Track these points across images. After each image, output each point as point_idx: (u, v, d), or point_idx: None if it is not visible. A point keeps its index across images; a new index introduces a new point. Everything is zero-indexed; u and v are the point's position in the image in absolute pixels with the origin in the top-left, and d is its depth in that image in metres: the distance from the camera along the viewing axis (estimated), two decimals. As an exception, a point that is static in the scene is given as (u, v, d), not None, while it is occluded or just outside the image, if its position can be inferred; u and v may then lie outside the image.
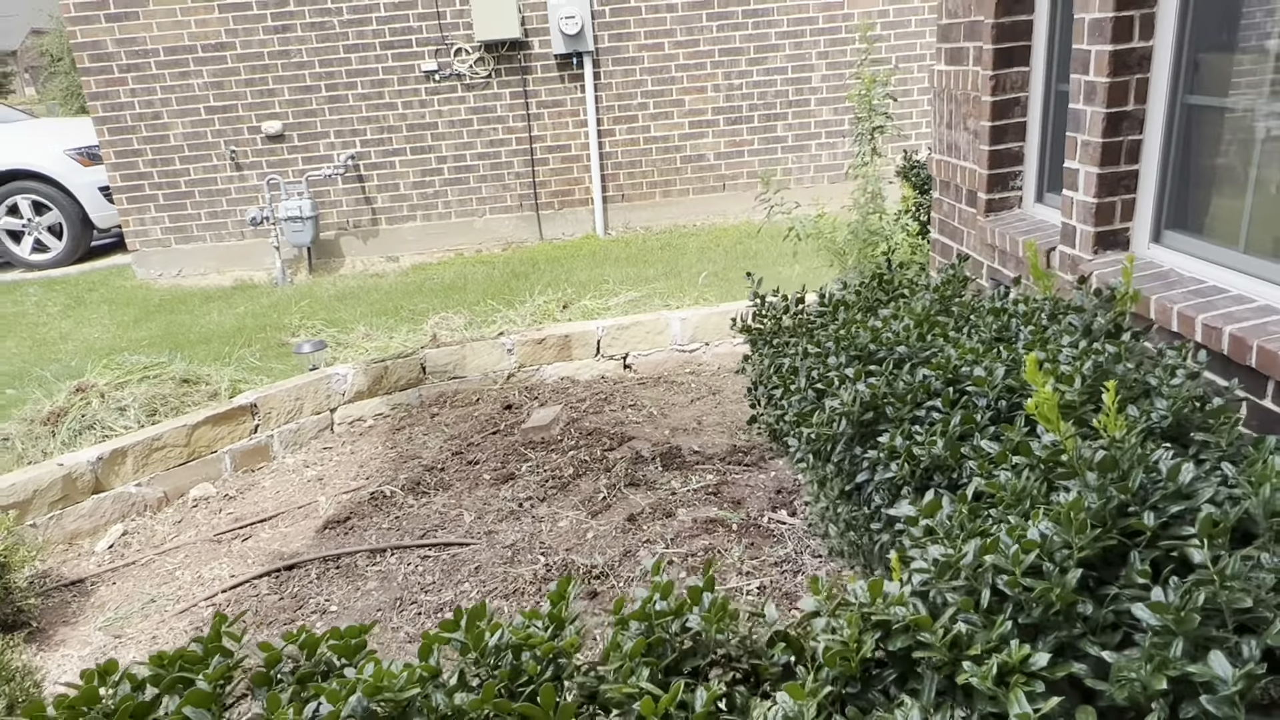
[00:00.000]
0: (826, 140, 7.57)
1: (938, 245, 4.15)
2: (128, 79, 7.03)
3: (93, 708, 1.33)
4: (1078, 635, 1.28)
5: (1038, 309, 2.35)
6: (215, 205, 7.41)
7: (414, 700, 1.29)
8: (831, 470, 2.19)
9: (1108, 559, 1.45)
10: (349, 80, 7.15)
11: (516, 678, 1.34)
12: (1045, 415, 1.52)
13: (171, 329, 6.02)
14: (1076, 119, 2.93)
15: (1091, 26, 2.81)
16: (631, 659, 1.32)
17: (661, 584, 1.45)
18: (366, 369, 4.75)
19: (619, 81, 7.31)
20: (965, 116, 3.71)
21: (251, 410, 4.36)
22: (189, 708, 1.28)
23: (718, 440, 4.07)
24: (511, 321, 5.33)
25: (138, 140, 7.19)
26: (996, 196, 3.61)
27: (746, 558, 3.09)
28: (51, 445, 4.10)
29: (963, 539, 1.45)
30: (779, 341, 2.76)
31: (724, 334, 5.02)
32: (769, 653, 1.40)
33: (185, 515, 3.97)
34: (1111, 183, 2.87)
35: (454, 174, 7.46)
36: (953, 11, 3.73)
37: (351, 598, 3.17)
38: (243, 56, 7.04)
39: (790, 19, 7.23)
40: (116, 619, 3.23)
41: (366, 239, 7.57)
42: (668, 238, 7.28)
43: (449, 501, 3.75)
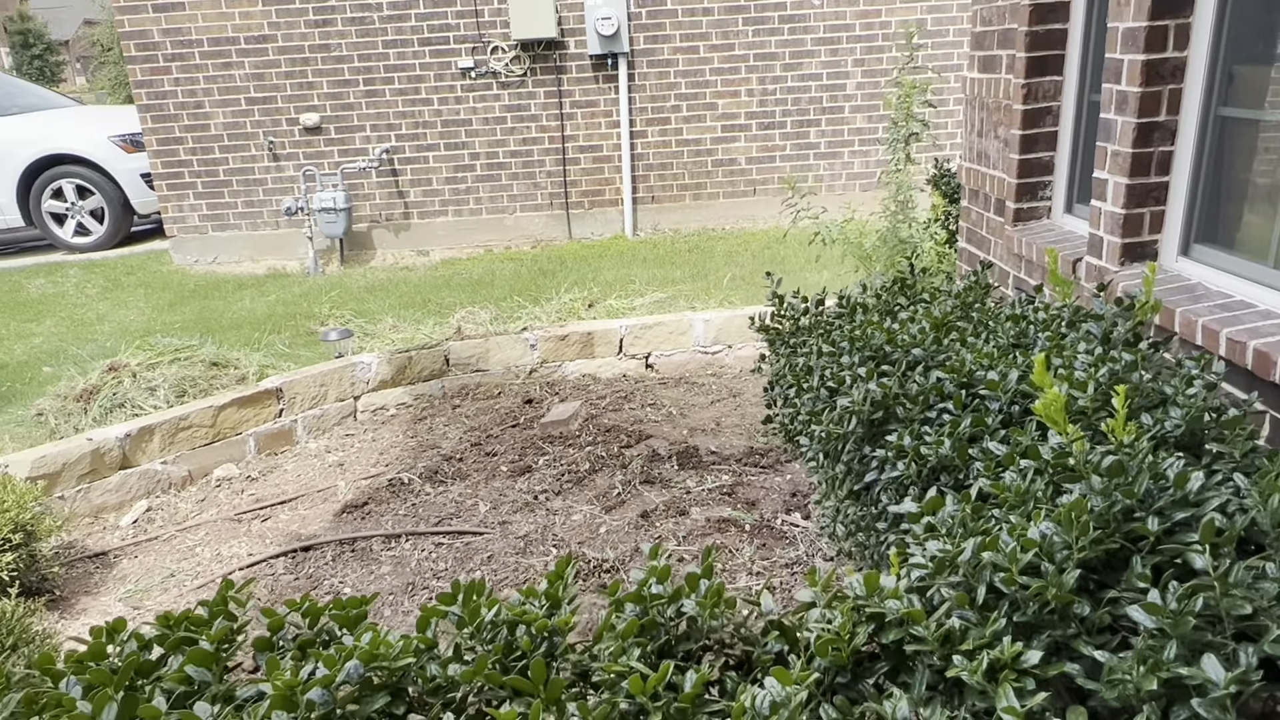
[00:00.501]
0: (859, 148, 7.54)
1: (964, 254, 4.12)
2: (172, 68, 7.18)
3: (100, 663, 1.36)
4: (1072, 635, 1.28)
5: (1056, 316, 2.33)
6: (252, 194, 7.54)
7: (409, 669, 1.31)
8: (841, 470, 2.18)
9: (1110, 563, 1.44)
10: (386, 75, 7.25)
11: (510, 652, 1.36)
12: (1052, 416, 1.51)
13: (204, 314, 6.14)
14: (1107, 129, 2.90)
15: (1125, 36, 2.78)
16: (624, 639, 1.33)
17: (658, 568, 1.46)
18: (391, 359, 4.81)
19: (653, 84, 7.33)
20: (996, 124, 3.69)
21: (277, 395, 4.43)
22: (191, 666, 1.31)
23: (735, 442, 4.06)
24: (537, 318, 5.37)
25: (179, 129, 7.35)
26: (1025, 206, 3.58)
27: (757, 558, 3.09)
28: (83, 421, 4.20)
29: (963, 537, 1.44)
30: (796, 341, 2.76)
31: (747, 337, 5.02)
32: (762, 641, 1.40)
33: (208, 494, 4.05)
34: (1141, 194, 2.84)
35: (486, 171, 7.53)
36: (986, 19, 3.71)
37: (365, 580, 3.21)
38: (284, 49, 7.17)
39: (826, 25, 7.21)
40: (136, 591, 3.30)
41: (398, 232, 7.66)
42: (696, 240, 7.29)
43: (465, 491, 3.78)
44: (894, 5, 7.17)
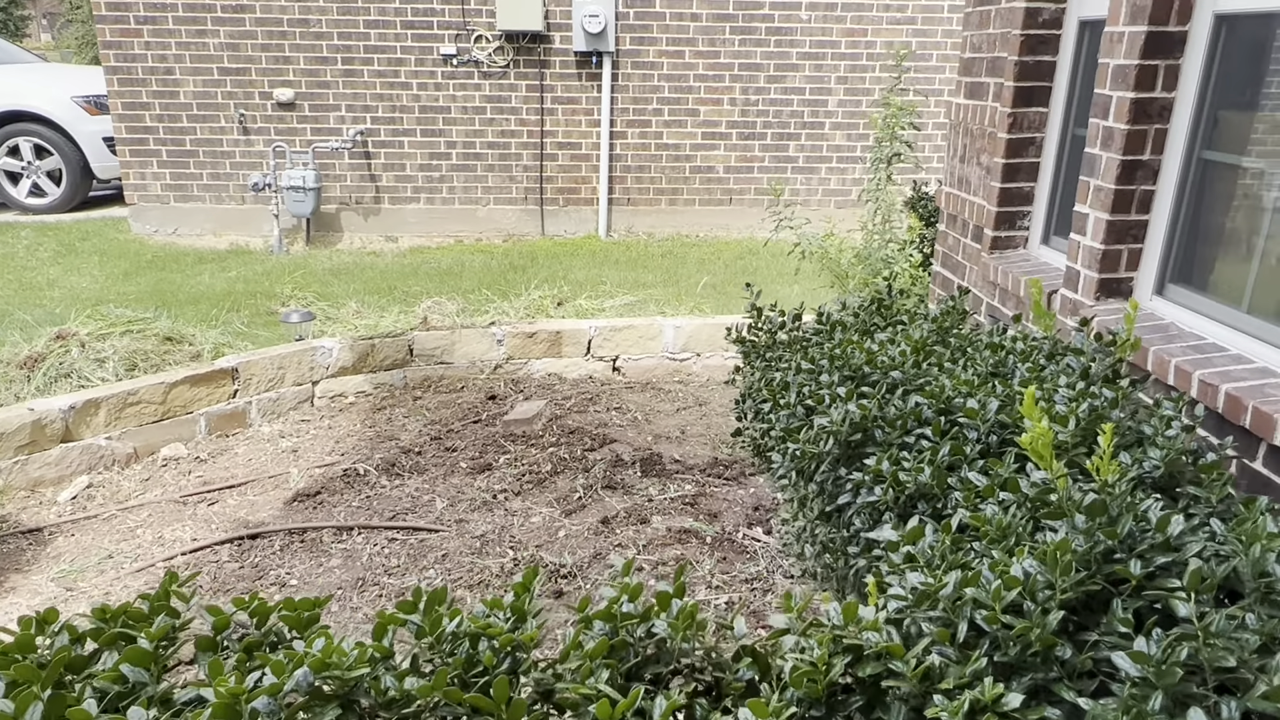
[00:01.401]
0: (837, 165, 7.57)
1: (938, 278, 4.13)
2: (143, 31, 6.96)
3: (27, 656, 1.27)
4: (1054, 679, 1.25)
5: (1036, 348, 2.33)
6: (219, 167, 7.34)
7: (362, 680, 1.24)
8: (813, 490, 2.15)
9: (1089, 604, 1.41)
10: (366, 56, 7.11)
11: (471, 667, 1.29)
12: (1039, 452, 1.48)
13: (161, 286, 5.95)
14: (1091, 164, 2.92)
15: (1115, 72, 2.79)
16: (592, 659, 1.27)
17: (630, 585, 1.41)
18: (353, 345, 4.69)
19: (636, 85, 7.29)
20: (979, 152, 3.70)
21: (232, 375, 4.29)
22: (126, 665, 1.22)
23: (700, 451, 4.02)
24: (505, 313, 5.28)
25: (147, 94, 7.12)
26: (1003, 234, 3.59)
27: (717, 571, 3.05)
28: (25, 390, 4.02)
29: (943, 569, 1.41)
30: (772, 356, 2.73)
31: (716, 346, 4.99)
32: (734, 667, 1.35)
33: (153, 474, 3.90)
34: (1120, 230, 2.86)
35: (462, 160, 7.41)
36: (976, 46, 3.72)
37: (313, 573, 3.10)
38: (262, 20, 6.99)
39: (813, 40, 7.23)
40: (71, 571, 3.16)
41: (367, 216, 7.52)
42: (669, 245, 7.25)
43: (423, 486, 3.69)
44: (880, 26, 7.21)
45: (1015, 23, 3.36)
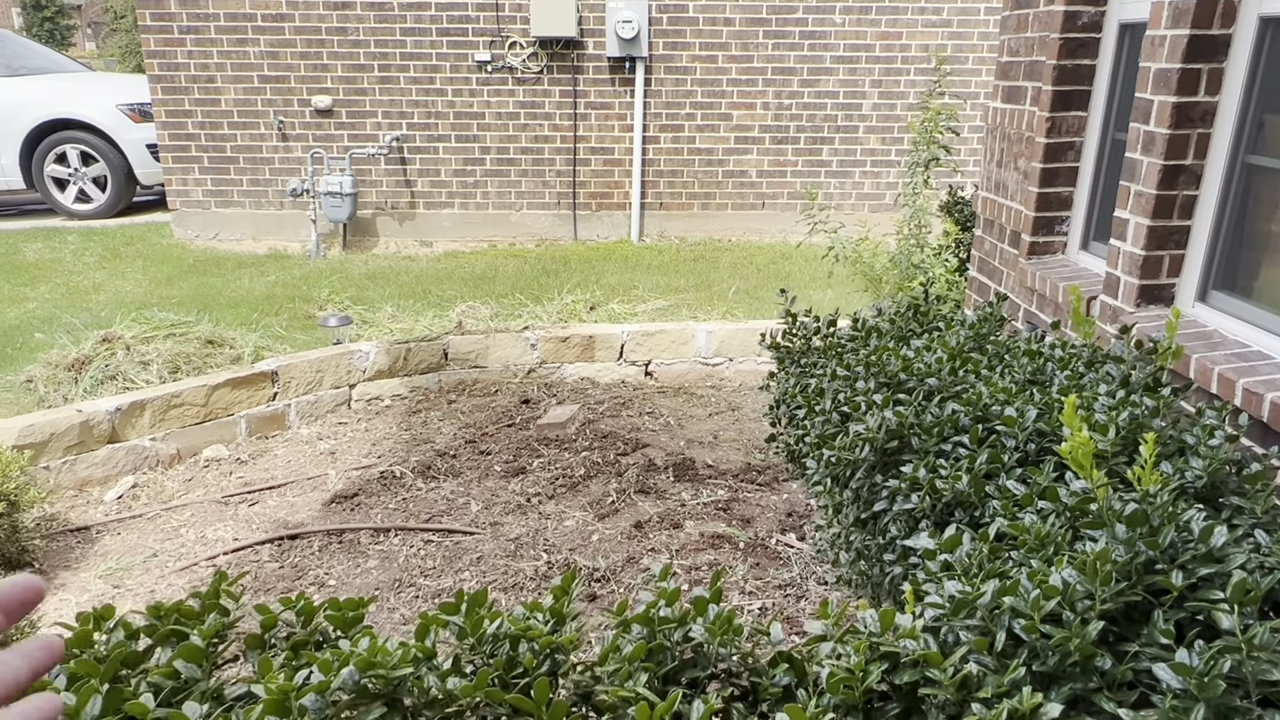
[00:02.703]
0: (871, 169, 7.53)
1: (975, 284, 4.10)
2: (186, 40, 7.12)
3: (85, 651, 1.31)
4: (1093, 689, 1.24)
5: (1075, 355, 2.30)
6: (258, 173, 7.48)
7: (406, 679, 1.27)
8: (849, 496, 2.15)
9: (1130, 615, 1.40)
10: (402, 63, 7.20)
11: (512, 669, 1.31)
12: (1079, 461, 1.48)
13: (202, 290, 6.07)
14: (1131, 169, 2.88)
15: (1157, 76, 2.76)
16: (630, 662, 1.29)
17: (667, 590, 1.42)
18: (389, 349, 4.75)
19: (669, 90, 7.31)
20: (1016, 156, 3.67)
21: (272, 377, 4.38)
22: (180, 661, 1.26)
23: (732, 457, 4.03)
24: (538, 317, 5.33)
25: (189, 102, 7.28)
26: (1040, 240, 3.56)
27: (751, 577, 3.05)
28: (73, 392, 4.13)
29: (981, 578, 1.41)
30: (807, 362, 2.73)
31: (749, 351, 4.99)
32: (771, 672, 1.36)
33: (196, 474, 3.99)
34: (1161, 236, 2.82)
35: (496, 165, 7.48)
36: (1014, 50, 3.69)
37: (351, 573, 3.16)
38: (300, 29, 7.11)
39: (847, 44, 7.20)
40: (117, 569, 3.24)
41: (402, 221, 7.61)
42: (701, 250, 7.26)
43: (458, 489, 3.73)
44: (915, 29, 7.17)
45: (1054, 26, 3.33)
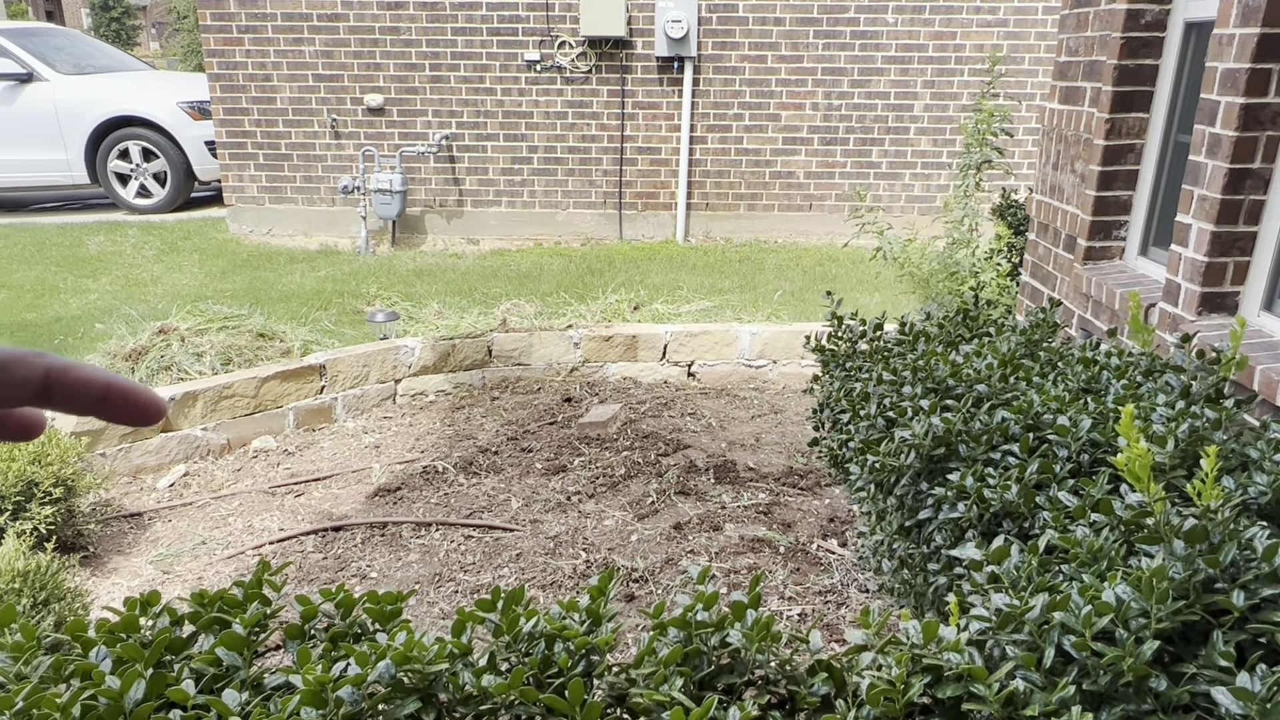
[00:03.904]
0: (922, 171, 7.41)
1: (1027, 289, 4.01)
2: (245, 40, 7.28)
3: (131, 635, 1.34)
4: (1147, 711, 1.19)
5: (1132, 364, 2.23)
6: (311, 170, 7.61)
7: (441, 675, 1.27)
8: (893, 503, 2.10)
9: (1186, 635, 1.35)
10: (453, 62, 7.28)
11: (547, 668, 1.31)
12: (1135, 473, 1.42)
13: (255, 284, 6.20)
14: (1195, 172, 2.79)
15: (1224, 77, 2.66)
16: (666, 666, 1.27)
17: (705, 594, 1.40)
18: (435, 345, 4.80)
19: (717, 90, 7.27)
20: (1074, 159, 3.57)
21: (320, 371, 4.45)
22: (222, 649, 1.28)
23: (774, 460, 3.99)
24: (581, 316, 5.34)
25: (246, 100, 7.44)
26: (1097, 245, 3.46)
27: (790, 582, 3.02)
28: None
29: (1030, 592, 1.37)
30: (852, 366, 2.69)
31: (793, 353, 4.94)
32: (809, 681, 1.34)
33: (244, 464, 4.06)
34: (1226, 242, 2.72)
35: (543, 164, 7.52)
36: (1073, 49, 3.59)
37: (392, 566, 3.19)
38: (354, 29, 7.23)
39: (899, 44, 7.10)
40: (168, 555, 3.31)
41: (450, 219, 7.69)
42: (747, 251, 7.21)
43: (498, 485, 3.75)
44: (970, 29, 7.04)
45: (1115, 25, 3.24)
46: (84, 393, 0.43)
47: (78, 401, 0.44)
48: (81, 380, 0.43)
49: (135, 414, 0.45)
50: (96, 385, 0.43)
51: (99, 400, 0.44)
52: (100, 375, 0.44)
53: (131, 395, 0.44)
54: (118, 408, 0.44)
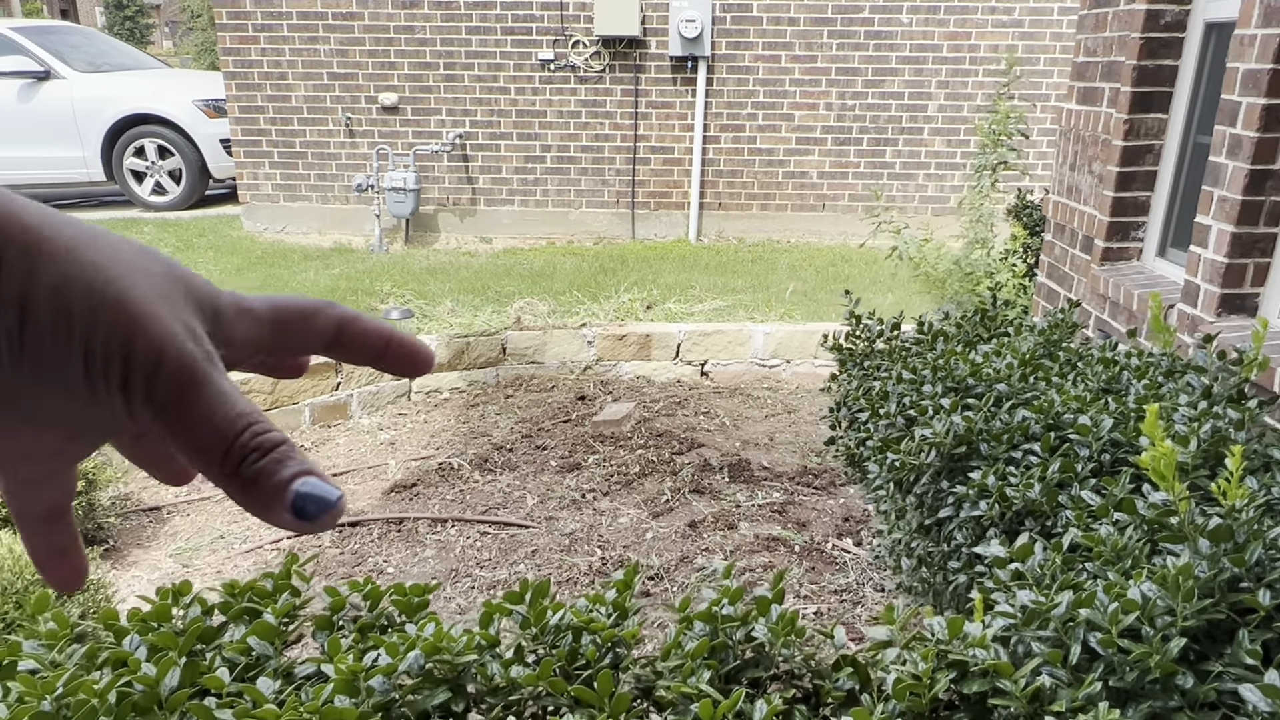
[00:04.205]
0: (935, 171, 7.40)
1: (1043, 290, 4.00)
2: (260, 38, 7.31)
3: (163, 624, 1.36)
4: (1174, 708, 1.20)
5: (1153, 364, 2.23)
6: (325, 168, 7.65)
7: (470, 666, 1.28)
8: (912, 502, 2.11)
9: (1211, 633, 1.35)
10: (467, 61, 7.30)
11: (574, 660, 1.32)
12: (1160, 472, 1.43)
13: (270, 281, 6.23)
14: (1215, 173, 2.78)
15: (1245, 77, 2.66)
16: (693, 659, 1.28)
17: (730, 589, 1.41)
18: (449, 343, 4.82)
19: (731, 90, 7.28)
20: (1091, 159, 3.57)
21: (336, 368, 4.47)
22: (254, 638, 1.29)
23: (788, 459, 3.99)
24: (594, 315, 5.35)
25: (261, 98, 7.48)
26: (1115, 245, 3.46)
27: (806, 581, 3.02)
28: (147, 376, 4.28)
29: (1055, 589, 1.37)
30: (870, 364, 2.69)
31: (807, 353, 4.94)
32: (834, 676, 1.34)
33: (261, 460, 4.09)
34: (1246, 243, 2.71)
35: (556, 164, 7.54)
36: (1091, 50, 3.59)
37: (409, 562, 3.21)
38: (369, 28, 7.26)
39: (913, 44, 7.09)
40: (186, 549, 3.34)
41: (463, 217, 7.71)
42: (760, 251, 7.22)
43: (513, 482, 3.77)
44: (985, 29, 7.02)
45: (1135, 25, 3.23)
46: (369, 343, 0.45)
47: (363, 352, 0.45)
48: (368, 331, 0.45)
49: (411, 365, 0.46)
50: (380, 337, 0.45)
51: (381, 352, 0.45)
52: (384, 328, 0.45)
53: (409, 346, 0.46)
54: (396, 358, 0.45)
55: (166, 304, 0.37)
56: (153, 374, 0.36)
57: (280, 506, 0.37)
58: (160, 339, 0.36)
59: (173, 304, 0.38)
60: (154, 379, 0.36)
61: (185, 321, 0.37)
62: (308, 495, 0.37)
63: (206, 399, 0.36)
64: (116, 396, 0.36)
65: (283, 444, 0.38)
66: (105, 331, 0.35)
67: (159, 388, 0.36)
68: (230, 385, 0.37)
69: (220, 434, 0.36)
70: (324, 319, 0.43)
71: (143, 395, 0.35)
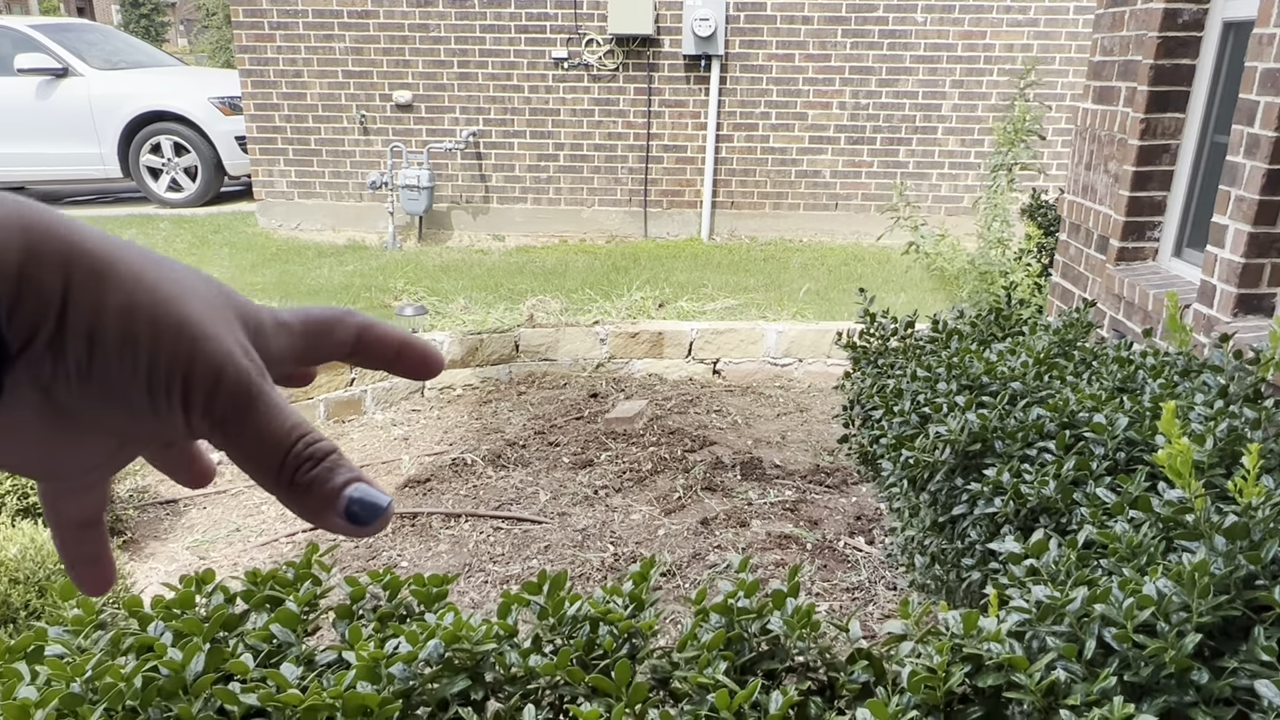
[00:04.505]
0: (949, 171, 7.38)
1: (1057, 289, 3.99)
2: (276, 36, 7.36)
3: (187, 611, 1.38)
4: (1189, 703, 1.20)
5: (1168, 363, 2.23)
6: (339, 166, 7.69)
7: (488, 655, 1.30)
8: (925, 499, 2.11)
9: (1226, 630, 1.35)
10: (481, 59, 7.33)
11: (591, 650, 1.33)
12: (1176, 469, 1.43)
13: (284, 278, 6.27)
14: (1232, 172, 2.77)
15: (1264, 77, 2.65)
16: (709, 650, 1.29)
17: (746, 582, 1.42)
18: (462, 339, 4.84)
19: (744, 89, 7.28)
20: (1107, 159, 3.56)
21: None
22: (276, 625, 1.31)
23: (800, 458, 4.00)
24: (607, 313, 5.36)
25: (277, 96, 7.52)
26: (1130, 245, 3.45)
27: (818, 579, 3.03)
28: (164, 370, 4.32)
29: (1070, 585, 1.38)
30: (884, 363, 2.70)
31: (819, 352, 4.94)
32: (849, 669, 1.35)
33: (276, 454, 4.12)
34: (1263, 243, 2.70)
35: (569, 162, 7.55)
36: (1108, 49, 3.58)
37: (422, 556, 3.23)
38: (384, 26, 7.29)
39: (928, 43, 7.07)
40: (203, 541, 3.37)
41: (476, 215, 7.74)
42: (772, 250, 7.22)
43: (526, 478, 3.79)
44: (1000, 29, 7.00)
45: (1152, 24, 3.22)
46: (384, 349, 0.47)
47: (379, 358, 0.47)
48: (383, 338, 0.46)
49: (424, 368, 0.48)
50: (393, 342, 0.47)
51: (394, 357, 0.47)
52: (397, 332, 0.47)
53: (420, 350, 0.48)
54: (409, 362, 0.47)
55: (223, 324, 0.39)
56: (212, 391, 0.38)
57: (333, 512, 0.40)
58: (219, 358, 0.38)
59: (228, 323, 0.40)
60: (214, 396, 0.38)
61: (239, 340, 0.40)
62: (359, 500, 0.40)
63: (262, 413, 0.39)
64: (178, 413, 0.38)
65: (333, 453, 0.40)
66: (168, 353, 0.37)
67: (218, 404, 0.38)
68: (281, 398, 0.40)
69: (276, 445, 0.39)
70: (345, 329, 0.45)
71: (201, 410, 0.38)
